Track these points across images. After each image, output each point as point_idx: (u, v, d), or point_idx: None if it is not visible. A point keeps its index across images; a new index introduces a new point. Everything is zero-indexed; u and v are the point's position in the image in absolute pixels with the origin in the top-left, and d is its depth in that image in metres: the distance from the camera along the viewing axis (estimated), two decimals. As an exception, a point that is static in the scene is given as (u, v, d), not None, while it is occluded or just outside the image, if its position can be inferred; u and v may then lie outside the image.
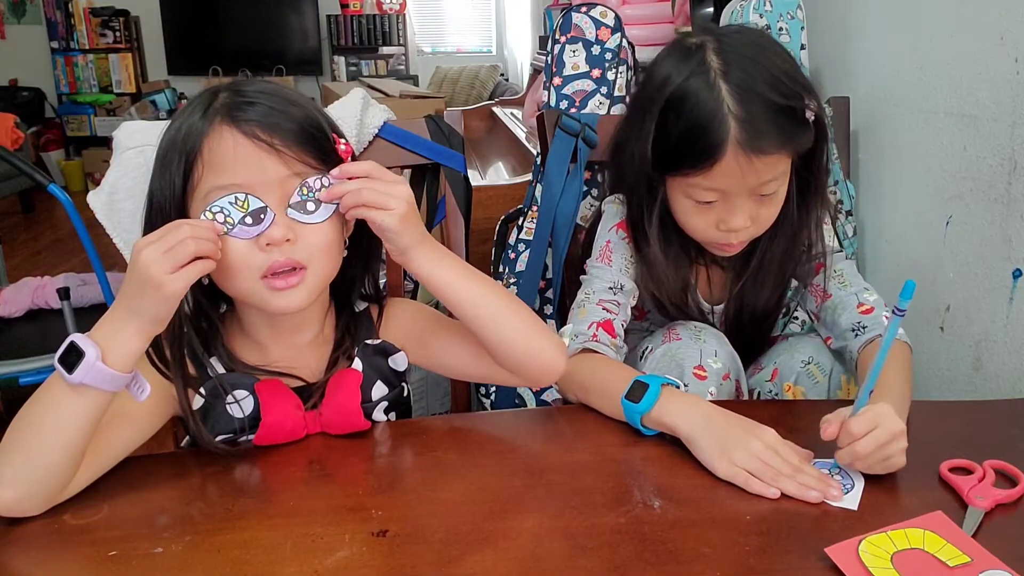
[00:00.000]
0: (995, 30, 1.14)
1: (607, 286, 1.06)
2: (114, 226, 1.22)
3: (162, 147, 0.80)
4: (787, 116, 0.91)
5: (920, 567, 0.65)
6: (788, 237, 1.04)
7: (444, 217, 1.29)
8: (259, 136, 0.76)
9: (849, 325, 1.02)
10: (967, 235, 1.23)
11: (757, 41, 0.96)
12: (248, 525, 0.72)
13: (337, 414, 0.86)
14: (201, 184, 0.77)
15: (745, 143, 0.89)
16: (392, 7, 5.95)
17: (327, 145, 0.81)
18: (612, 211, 1.12)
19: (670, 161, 0.96)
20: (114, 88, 5.77)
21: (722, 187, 0.93)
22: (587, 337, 1.00)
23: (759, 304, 1.09)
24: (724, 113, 0.89)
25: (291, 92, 0.83)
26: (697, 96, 0.91)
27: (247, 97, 0.78)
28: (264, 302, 0.80)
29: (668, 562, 0.67)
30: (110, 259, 1.66)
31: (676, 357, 1.00)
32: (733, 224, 0.96)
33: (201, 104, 0.79)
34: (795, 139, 0.93)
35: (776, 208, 0.98)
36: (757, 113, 0.89)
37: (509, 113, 3.42)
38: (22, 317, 2.18)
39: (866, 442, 0.76)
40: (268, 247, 0.77)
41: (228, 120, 0.76)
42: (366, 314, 0.94)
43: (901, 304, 0.72)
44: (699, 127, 0.90)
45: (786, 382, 1.07)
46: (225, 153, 0.76)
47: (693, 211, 0.98)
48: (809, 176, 1.01)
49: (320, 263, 0.81)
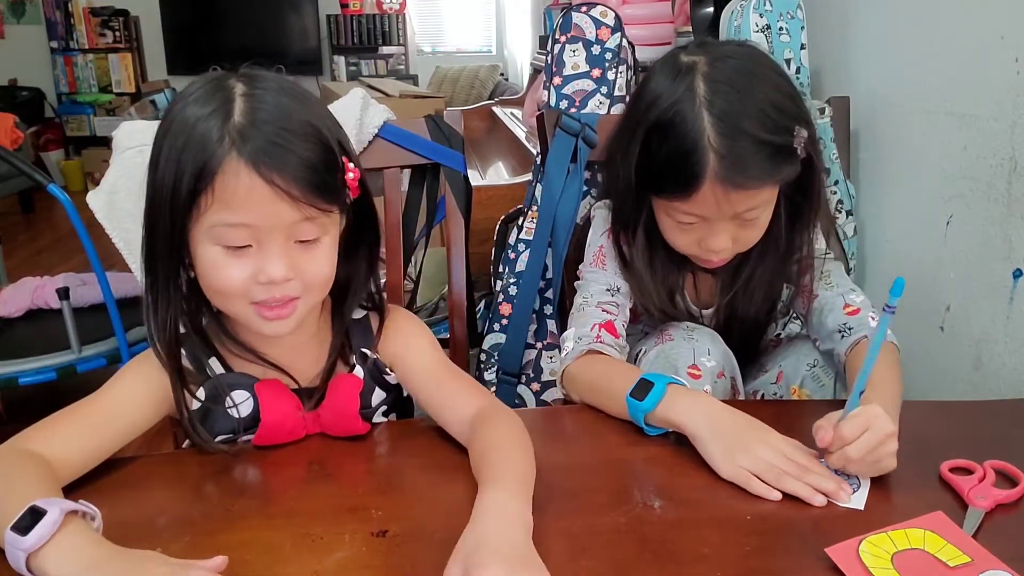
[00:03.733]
0: (995, 29, 1.14)
1: (604, 288, 1.06)
2: (114, 226, 1.22)
3: (168, 137, 0.75)
4: (770, 151, 0.90)
5: (920, 567, 0.65)
6: (778, 257, 1.05)
7: (444, 217, 1.29)
8: (276, 182, 0.72)
9: (835, 326, 1.01)
10: (967, 235, 1.23)
11: (750, 68, 0.94)
12: (247, 525, 0.72)
13: (336, 417, 0.86)
14: (208, 215, 0.73)
15: (723, 177, 0.89)
16: (392, 7, 5.95)
17: (339, 179, 0.78)
18: (602, 215, 1.12)
19: (652, 182, 0.97)
20: (114, 88, 5.78)
21: (701, 213, 0.94)
22: (591, 339, 1.00)
23: (749, 314, 1.09)
24: (704, 146, 0.89)
25: (303, 109, 0.78)
26: (682, 125, 0.91)
27: (263, 125, 0.73)
28: (252, 324, 0.80)
29: (668, 562, 0.67)
30: (110, 259, 1.65)
31: (670, 358, 1.00)
32: (713, 246, 0.97)
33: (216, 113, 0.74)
34: (777, 174, 0.92)
35: (758, 232, 0.99)
36: (738, 147, 0.89)
37: (509, 113, 3.41)
38: (22, 317, 2.18)
39: (857, 446, 0.75)
40: (267, 284, 0.76)
41: (243, 155, 0.72)
42: (365, 322, 0.93)
43: (891, 301, 0.71)
44: (680, 155, 0.91)
45: (792, 385, 1.06)
46: (238, 192, 0.72)
47: (675, 229, 0.99)
48: (801, 202, 1.01)
49: (313, 294, 0.81)
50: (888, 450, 0.77)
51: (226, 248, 0.75)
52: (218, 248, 0.75)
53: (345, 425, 0.87)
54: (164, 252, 0.78)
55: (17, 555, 0.62)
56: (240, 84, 0.76)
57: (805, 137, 0.93)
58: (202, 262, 0.77)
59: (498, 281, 1.54)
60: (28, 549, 0.62)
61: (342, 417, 0.86)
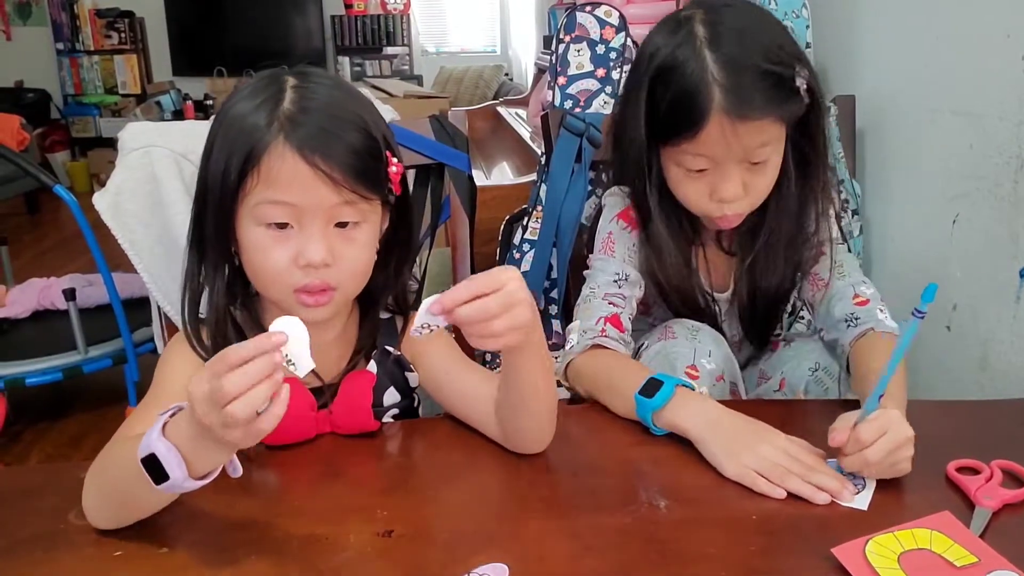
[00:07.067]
0: (1001, 28, 1.13)
1: (611, 279, 1.06)
2: (119, 227, 1.22)
3: (221, 129, 0.79)
4: (773, 81, 0.91)
5: (927, 567, 0.65)
6: (793, 216, 1.03)
7: (448, 217, 1.29)
8: (319, 165, 0.75)
9: (843, 315, 1.01)
10: (974, 234, 1.22)
11: (749, 12, 0.97)
12: (253, 525, 0.72)
13: (348, 413, 0.87)
14: (253, 194, 0.77)
15: (729, 109, 0.89)
16: (396, 7, 5.96)
17: (381, 170, 0.81)
18: (612, 203, 1.12)
19: (661, 130, 0.97)
20: (119, 89, 5.80)
21: (710, 154, 0.93)
22: (596, 332, 1.00)
23: (772, 285, 1.07)
24: (708, 81, 0.90)
25: (353, 102, 0.81)
26: (683, 66, 0.92)
27: (312, 112, 0.77)
28: (291, 310, 0.81)
29: (674, 562, 0.67)
30: (115, 260, 1.66)
31: (669, 356, 1.00)
32: (724, 193, 0.95)
33: (266, 102, 0.77)
34: (782, 105, 0.92)
35: (769, 178, 0.97)
36: (742, 79, 0.89)
37: (513, 113, 3.41)
38: (28, 318, 2.19)
39: (876, 449, 0.75)
40: (306, 267, 0.78)
41: (290, 140, 0.75)
42: (391, 323, 0.94)
43: (921, 306, 0.70)
44: (685, 95, 0.91)
45: (796, 391, 1.06)
46: (282, 173, 0.75)
47: (685, 180, 0.98)
48: (807, 148, 1.00)
49: (351, 285, 0.83)
50: (905, 455, 0.77)
51: (269, 229, 0.78)
52: (261, 229, 0.78)
53: (356, 421, 0.87)
54: (213, 238, 0.81)
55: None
56: (292, 78, 0.80)
57: (807, 76, 0.93)
58: (247, 245, 0.79)
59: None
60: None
61: (354, 412, 0.87)
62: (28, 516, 0.74)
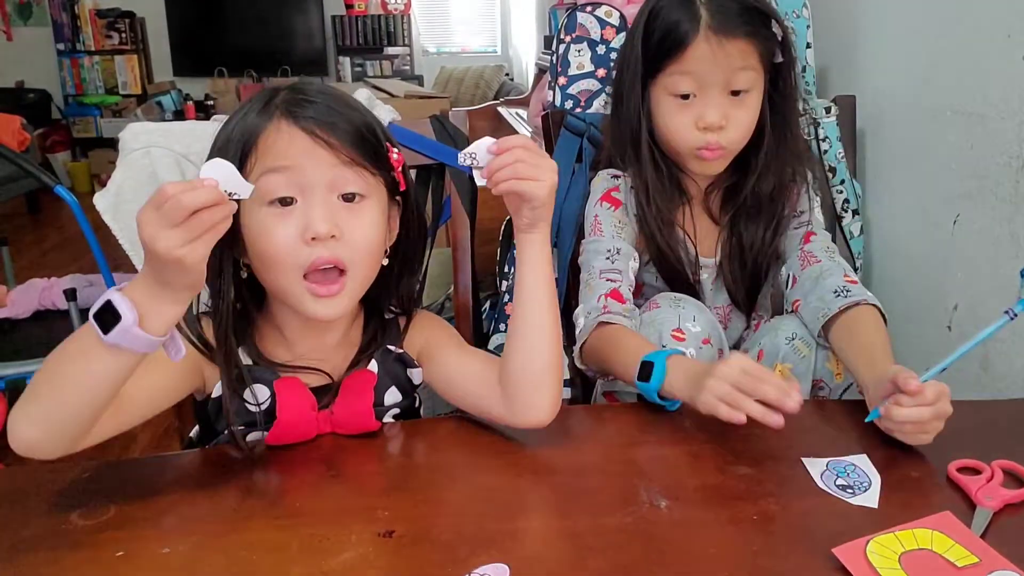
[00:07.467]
0: (1002, 27, 1.13)
1: (604, 256, 1.10)
2: (120, 227, 1.22)
3: (218, 141, 0.82)
4: (756, 13, 1.03)
5: (928, 568, 0.65)
6: (773, 171, 1.11)
7: (450, 217, 1.29)
8: (316, 133, 0.78)
9: (833, 288, 1.04)
10: (975, 234, 1.22)
11: None
12: (255, 525, 0.73)
13: (349, 413, 0.87)
14: (253, 172, 0.78)
15: (715, 27, 1.01)
16: (397, 7, 5.96)
17: (380, 150, 0.83)
18: (596, 188, 1.18)
19: (652, 62, 1.06)
20: (120, 89, 5.80)
21: (696, 70, 1.03)
22: (598, 310, 1.04)
23: (757, 237, 1.13)
24: (696, 5, 1.02)
25: (350, 97, 0.85)
26: (673, 1, 1.04)
27: (307, 96, 0.80)
28: (302, 305, 0.81)
29: (675, 562, 0.67)
30: (116, 260, 1.66)
31: (655, 323, 1.04)
32: (709, 118, 1.03)
33: (260, 101, 0.81)
34: (761, 33, 1.03)
35: (750, 114, 1.06)
36: (727, 4, 1.02)
37: (514, 113, 3.41)
38: (29, 318, 2.19)
39: (932, 409, 0.80)
40: (312, 242, 0.78)
41: (287, 115, 0.79)
42: (394, 323, 0.95)
43: (1018, 307, 0.76)
44: (675, 21, 1.03)
45: (775, 361, 1.08)
46: (280, 143, 0.78)
47: (674, 110, 1.06)
48: (782, 105, 1.10)
49: (361, 266, 0.83)
50: (938, 427, 0.82)
51: (272, 207, 0.78)
52: (265, 209, 0.79)
53: (357, 421, 0.87)
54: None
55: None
56: (287, 88, 0.83)
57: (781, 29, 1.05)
58: (252, 233, 0.80)
59: (504, 281, 1.54)
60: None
61: (355, 412, 0.87)
62: (29, 516, 0.74)
